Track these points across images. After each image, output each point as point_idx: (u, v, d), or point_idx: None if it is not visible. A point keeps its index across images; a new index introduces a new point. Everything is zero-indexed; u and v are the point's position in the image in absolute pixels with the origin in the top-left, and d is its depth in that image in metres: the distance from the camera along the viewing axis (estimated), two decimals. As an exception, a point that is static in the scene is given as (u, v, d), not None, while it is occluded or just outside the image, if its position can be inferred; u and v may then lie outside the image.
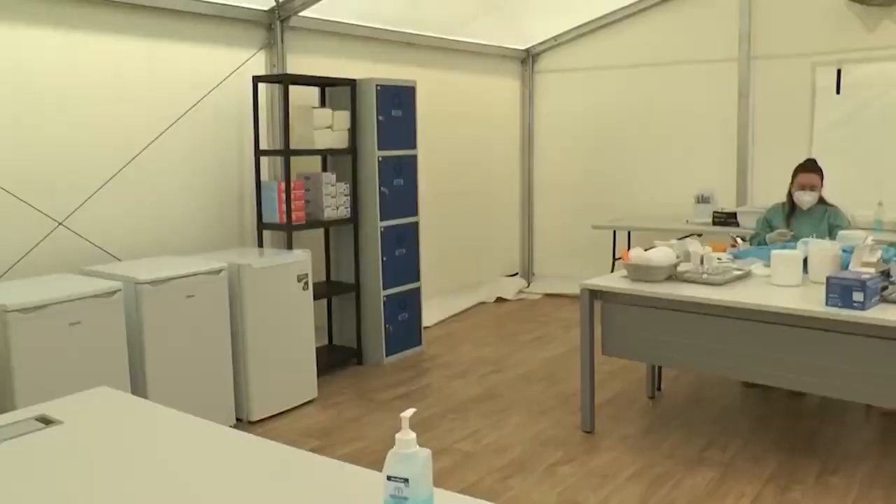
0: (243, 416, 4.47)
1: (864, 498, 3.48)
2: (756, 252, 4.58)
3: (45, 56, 4.23)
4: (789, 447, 4.04)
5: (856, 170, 6.34)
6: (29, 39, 4.16)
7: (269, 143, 5.40)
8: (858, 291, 3.40)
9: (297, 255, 4.78)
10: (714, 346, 3.79)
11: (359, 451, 4.05)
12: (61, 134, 4.31)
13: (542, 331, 6.51)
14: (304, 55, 5.55)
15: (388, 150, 5.53)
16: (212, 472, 1.74)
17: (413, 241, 5.82)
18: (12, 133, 4.11)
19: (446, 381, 5.20)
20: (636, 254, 4.12)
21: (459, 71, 7.23)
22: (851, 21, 6.28)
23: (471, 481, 3.67)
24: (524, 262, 8.28)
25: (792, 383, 3.70)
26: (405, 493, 1.38)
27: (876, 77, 6.26)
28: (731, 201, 6.84)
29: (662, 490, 3.57)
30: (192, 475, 1.72)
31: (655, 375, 4.88)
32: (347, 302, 5.66)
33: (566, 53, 7.81)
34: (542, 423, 4.43)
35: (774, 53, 6.68)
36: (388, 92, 5.51)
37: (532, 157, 8.14)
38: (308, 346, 4.83)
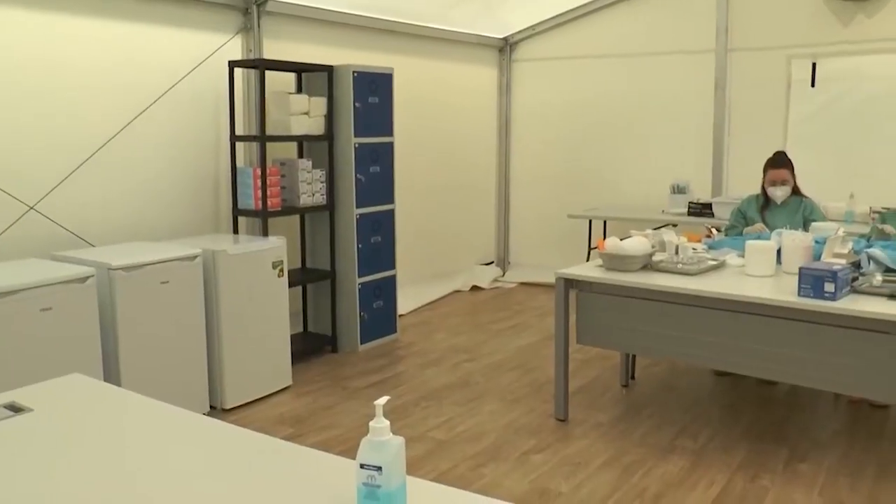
0: (217, 404, 4.45)
1: (831, 485, 3.54)
2: (730, 242, 4.62)
3: (17, 38, 4.16)
4: (759, 435, 4.09)
5: (828, 162, 6.41)
6: (0, 21, 4.10)
7: (244, 129, 5.36)
8: (830, 282, 3.44)
9: (273, 241, 4.76)
10: (687, 335, 3.82)
11: (333, 438, 4.05)
12: (33, 117, 4.25)
13: (516, 319, 6.54)
14: (280, 40, 5.51)
15: (365, 138, 5.51)
16: (184, 461, 1.73)
17: (389, 229, 5.81)
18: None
19: (420, 369, 5.21)
20: (611, 243, 4.14)
21: (437, 59, 7.21)
22: (826, 15, 6.34)
23: (444, 469, 3.68)
24: (500, 250, 8.30)
25: (763, 372, 3.75)
26: (378, 480, 1.38)
27: (849, 71, 6.32)
28: (707, 192, 6.89)
29: (634, 477, 3.61)
30: (165, 463, 1.72)
31: (629, 364, 4.92)
32: (322, 289, 5.65)
33: (544, 42, 7.81)
34: (516, 412, 4.45)
35: (751, 46, 6.72)
36: (365, 79, 5.49)
37: (509, 145, 8.14)
38: (283, 333, 4.81)
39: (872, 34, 6.18)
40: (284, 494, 1.55)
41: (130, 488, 1.59)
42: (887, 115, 6.20)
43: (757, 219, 4.91)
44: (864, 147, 6.29)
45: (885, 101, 6.21)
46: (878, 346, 3.32)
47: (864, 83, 6.28)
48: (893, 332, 3.27)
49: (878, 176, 5.83)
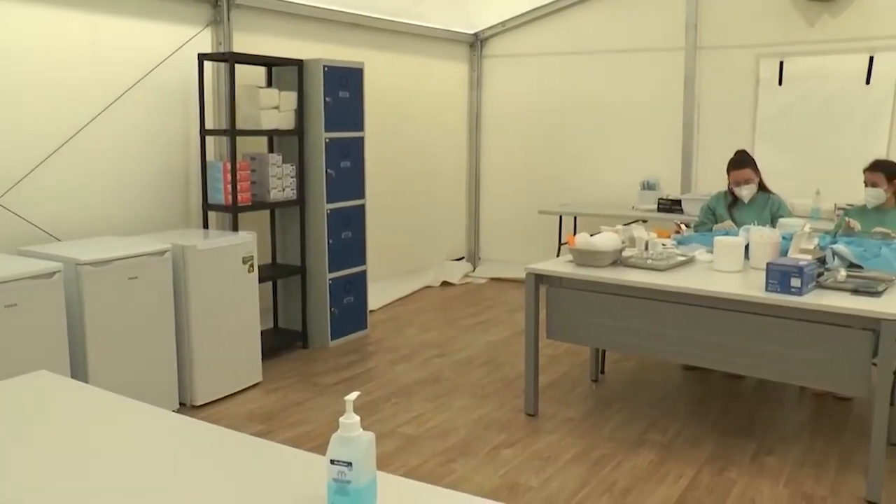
0: (187, 401, 4.41)
1: (796, 477, 3.59)
2: (699, 238, 4.67)
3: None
4: (727, 429, 4.14)
5: (795, 159, 6.50)
6: (-37, 11, 4.03)
7: (214, 123, 5.32)
8: (796, 277, 3.48)
9: (243, 236, 4.73)
10: (657, 330, 3.86)
11: (303, 434, 4.04)
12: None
13: (486, 315, 6.55)
14: (250, 34, 5.47)
15: (335, 132, 5.49)
16: (153, 458, 1.72)
17: (359, 224, 5.79)
18: (-55, 108, 3.99)
19: (391, 365, 5.21)
20: (581, 239, 4.16)
21: (407, 54, 7.19)
22: (793, 15, 6.42)
23: (414, 465, 3.69)
24: (470, 246, 8.31)
25: (731, 366, 3.79)
26: (348, 476, 1.38)
27: (816, 70, 6.41)
28: (676, 188, 6.95)
29: (603, 471, 3.63)
30: (133, 461, 1.70)
31: (598, 359, 4.95)
32: (293, 285, 5.62)
33: (514, 39, 7.82)
34: (486, 407, 4.46)
35: (720, 44, 6.78)
36: (336, 73, 5.46)
37: (479, 141, 8.15)
38: (253, 329, 4.78)
39: (837, 34, 6.27)
40: (255, 491, 1.55)
41: (98, 487, 1.57)
42: (852, 113, 6.30)
43: (726, 215, 4.96)
44: (830, 145, 6.38)
45: (849, 100, 6.30)
46: (841, 339, 3.37)
47: (830, 82, 6.37)
48: (856, 327, 3.33)
49: (843, 173, 5.90)
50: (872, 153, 5.29)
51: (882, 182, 4.51)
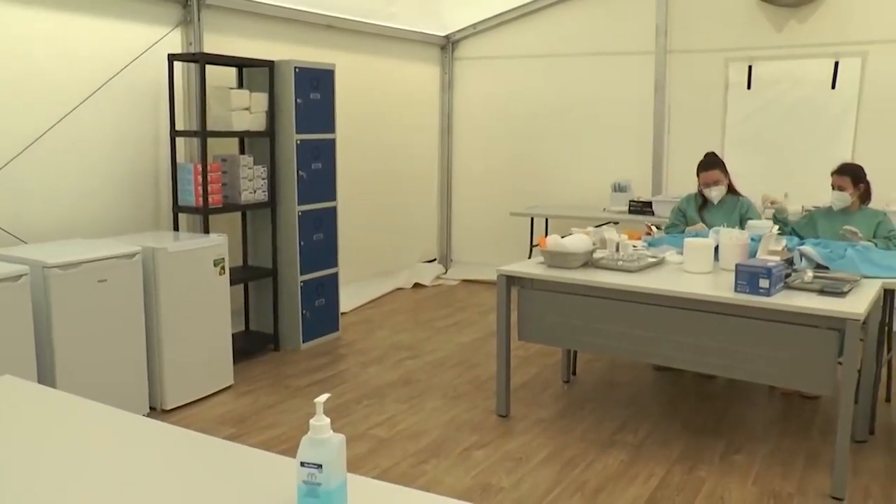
0: (157, 405, 4.37)
1: (764, 475, 3.64)
2: (670, 240, 4.71)
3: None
4: (697, 428, 4.18)
5: (764, 162, 6.58)
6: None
7: (185, 124, 5.28)
8: (764, 278, 3.53)
9: (214, 239, 4.69)
10: (627, 331, 3.88)
11: (275, 437, 4.02)
12: (-38, 110, 4.13)
13: (458, 316, 6.56)
14: (221, 34, 5.43)
15: (307, 134, 5.47)
16: (122, 463, 1.70)
17: (331, 226, 5.78)
18: None
19: (362, 367, 5.20)
20: (553, 240, 4.17)
21: (379, 56, 7.19)
22: (761, 20, 6.50)
23: (385, 467, 3.68)
24: (442, 248, 8.32)
25: (701, 366, 3.82)
26: (318, 478, 1.37)
27: (783, 74, 6.49)
28: (647, 190, 7.00)
29: (575, 472, 3.65)
30: (102, 466, 1.68)
31: (570, 360, 4.98)
32: (264, 287, 5.59)
33: (486, 41, 7.84)
34: (458, 408, 4.47)
35: (689, 48, 6.85)
36: (307, 74, 5.45)
37: (451, 143, 8.16)
38: (224, 332, 4.75)
39: (804, 39, 6.37)
40: (225, 495, 1.54)
41: (65, 494, 1.55)
42: (819, 116, 6.39)
43: (696, 217, 5.01)
44: (798, 147, 6.47)
45: (816, 104, 6.39)
46: (808, 339, 3.41)
47: (798, 86, 6.46)
48: (822, 326, 3.37)
49: (811, 175, 5.98)
50: (838, 156, 5.38)
51: (848, 186, 4.58)
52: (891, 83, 6.13)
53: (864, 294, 3.59)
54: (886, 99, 6.15)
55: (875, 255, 4.09)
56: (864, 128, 6.24)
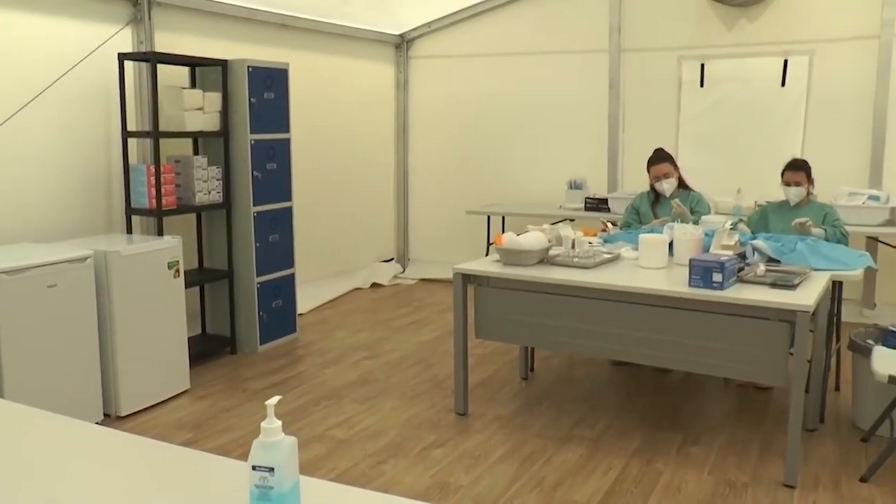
0: (111, 412, 4.29)
1: (720, 465, 3.69)
2: (625, 236, 4.76)
3: None
4: (654, 421, 4.23)
5: (717, 158, 6.69)
6: None
7: (137, 125, 5.20)
8: (718, 272, 3.58)
9: (168, 241, 4.62)
10: (584, 327, 3.91)
11: (232, 442, 3.97)
12: None
13: (416, 316, 6.56)
14: (173, 33, 5.36)
15: (261, 134, 5.42)
16: (74, 473, 1.66)
17: (287, 227, 5.73)
18: None
19: (320, 368, 5.17)
20: (508, 238, 4.19)
21: (333, 54, 7.15)
22: (713, 19, 6.60)
23: (344, 468, 3.66)
24: (399, 247, 8.30)
25: (657, 360, 3.86)
26: (270, 482, 1.36)
27: (735, 72, 6.60)
28: (603, 187, 7.06)
29: (533, 468, 3.67)
30: (54, 477, 1.64)
31: (528, 357, 5.00)
32: (220, 289, 5.53)
33: (440, 40, 7.85)
34: (416, 407, 4.46)
35: (643, 47, 6.92)
36: (260, 74, 5.40)
37: (407, 142, 8.15)
38: (180, 335, 4.69)
39: (754, 38, 6.48)
40: (179, 502, 1.51)
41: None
42: (770, 113, 6.51)
43: (649, 213, 5.07)
44: (750, 143, 6.57)
45: (767, 101, 6.51)
46: (761, 331, 3.47)
47: (749, 83, 6.56)
48: (774, 319, 3.43)
49: (762, 171, 6.09)
50: (789, 152, 5.48)
51: (803, 181, 4.67)
52: (837, 80, 6.27)
53: (814, 286, 3.66)
54: (833, 96, 6.29)
55: (824, 249, 4.17)
56: (812, 124, 6.37)
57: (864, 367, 3.88)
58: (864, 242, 5.93)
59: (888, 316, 5.98)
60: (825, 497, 3.39)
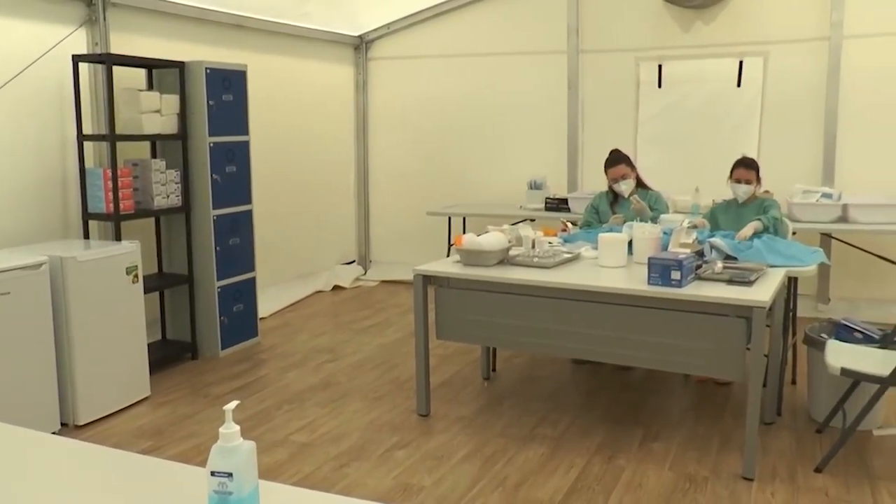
0: (69, 421, 4.22)
1: (681, 460, 3.75)
2: (584, 236, 4.80)
3: None
4: (616, 418, 4.27)
5: (675, 158, 6.77)
6: None
7: (93, 128, 5.13)
8: (676, 270, 3.62)
9: (126, 246, 4.56)
10: (545, 326, 3.93)
11: (193, 448, 3.93)
12: None
13: (378, 317, 6.55)
14: (128, 34, 5.29)
15: (220, 136, 5.38)
16: (30, 485, 1.63)
17: (247, 230, 5.69)
18: None
19: (282, 372, 5.14)
20: (468, 239, 4.20)
21: (292, 56, 7.11)
22: (669, 21, 6.69)
23: (307, 472, 3.63)
24: (361, 249, 8.28)
25: (618, 358, 3.89)
26: (230, 487, 1.35)
27: (692, 73, 6.69)
28: (563, 188, 7.11)
29: (496, 467, 3.69)
30: (9, 489, 1.61)
31: (490, 357, 5.02)
32: (180, 294, 5.48)
33: (399, 41, 7.84)
34: (379, 409, 4.46)
35: (601, 48, 6.99)
36: (218, 76, 5.35)
37: (367, 143, 8.13)
38: (139, 342, 4.63)
39: (710, 40, 6.58)
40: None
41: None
42: (726, 113, 6.61)
43: (609, 213, 5.12)
44: (707, 143, 6.67)
45: (723, 101, 6.61)
46: (719, 328, 3.52)
47: (705, 84, 6.66)
48: (731, 315, 3.49)
49: (719, 170, 6.14)
50: (745, 151, 5.54)
51: (753, 179, 4.74)
52: (790, 81, 6.39)
53: (770, 282, 3.72)
54: (787, 96, 6.41)
55: (780, 245, 4.24)
56: (767, 123, 6.49)
57: (819, 361, 3.96)
58: (819, 239, 6.05)
59: (842, 310, 6.11)
60: (782, 488, 3.45)
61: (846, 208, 5.79)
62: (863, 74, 6.18)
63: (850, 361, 3.63)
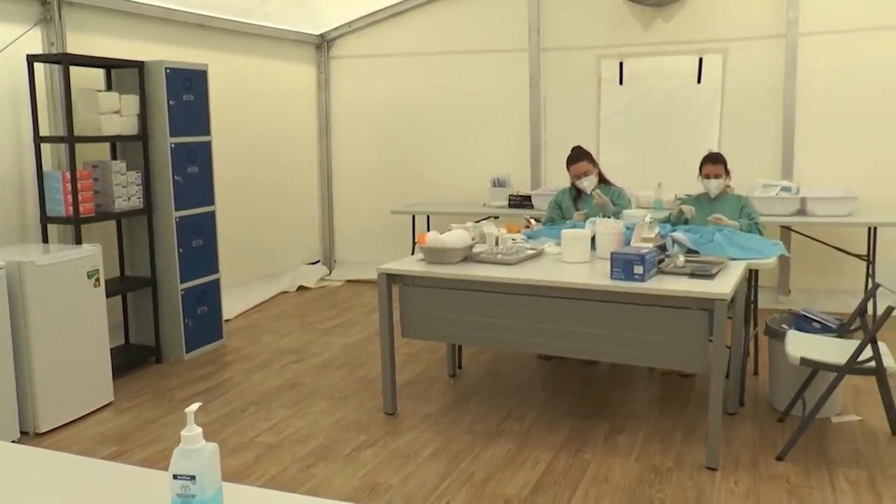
0: (29, 429, 4.14)
1: (646, 451, 3.79)
2: (547, 232, 4.82)
3: None
4: (582, 413, 4.31)
5: (638, 154, 6.84)
6: None
7: (50, 129, 5.05)
8: (638, 265, 3.66)
9: (87, 249, 4.49)
10: (510, 322, 3.95)
11: (158, 453, 3.89)
12: None
13: (343, 317, 6.53)
14: (85, 33, 5.22)
15: (181, 137, 5.33)
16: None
17: (210, 231, 5.64)
18: None
19: (248, 374, 5.11)
20: (431, 237, 4.20)
21: (253, 55, 7.06)
22: (629, 18, 6.75)
23: (273, 473, 3.62)
24: (325, 249, 8.25)
25: (583, 353, 3.93)
26: (192, 490, 1.35)
27: (652, 70, 6.76)
28: (526, 185, 7.14)
29: (462, 464, 3.70)
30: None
31: (455, 355, 5.03)
32: (143, 297, 5.41)
33: (361, 40, 7.82)
34: (345, 409, 4.45)
35: (562, 46, 7.03)
36: (179, 75, 5.30)
37: (330, 143, 8.10)
38: (101, 346, 4.56)
39: (670, 37, 6.65)
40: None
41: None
42: (687, 109, 6.69)
43: (572, 209, 5.16)
44: (669, 139, 6.74)
45: (684, 98, 6.69)
46: (682, 320, 3.57)
47: (666, 81, 6.73)
48: (694, 308, 3.53)
49: (681, 165, 6.23)
50: (706, 146, 5.63)
51: (722, 173, 4.81)
52: (749, 77, 6.49)
53: (731, 275, 3.78)
54: (746, 92, 6.51)
55: (740, 238, 4.30)
56: (727, 119, 6.58)
57: (780, 351, 4.02)
58: (779, 232, 6.15)
59: (802, 301, 6.21)
60: (745, 477, 3.51)
61: (804, 201, 5.89)
62: (819, 71, 6.29)
63: (809, 351, 3.70)
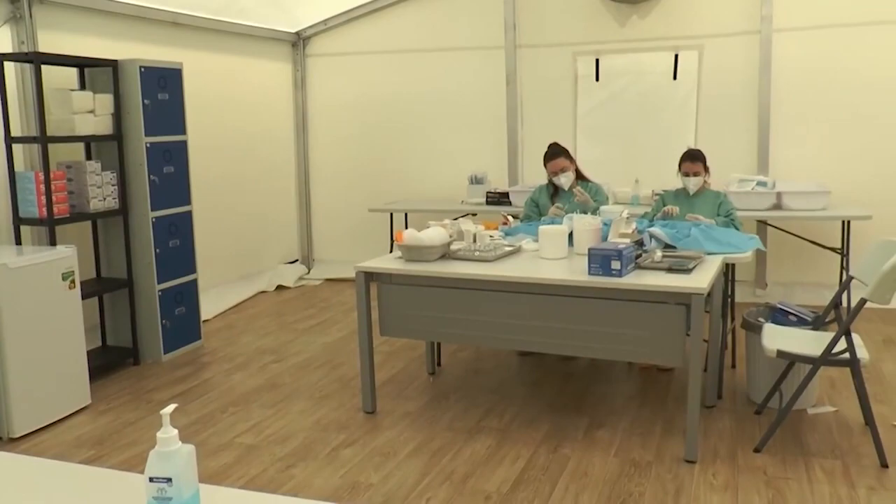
0: (3, 434, 4.08)
1: (625, 446, 3.81)
2: (525, 228, 4.83)
3: None
4: (561, 408, 4.32)
5: (615, 150, 6.87)
6: None
7: (22, 130, 4.99)
8: (616, 260, 3.67)
9: (62, 251, 4.44)
10: (488, 319, 3.95)
11: (136, 456, 3.85)
12: None
13: (322, 316, 6.51)
14: (57, 32, 5.16)
15: (157, 136, 5.28)
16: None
17: (187, 232, 5.60)
18: None
19: (227, 375, 5.08)
20: (409, 234, 4.20)
21: (228, 53, 7.01)
22: (605, 15, 6.77)
23: (253, 474, 3.60)
24: (304, 248, 8.22)
25: (562, 349, 3.93)
26: (169, 493, 1.34)
27: (628, 66, 6.79)
28: (504, 182, 7.16)
29: (442, 461, 3.70)
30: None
31: (434, 352, 5.03)
32: (120, 299, 5.37)
33: (337, 37, 7.79)
34: (324, 408, 4.44)
35: (538, 43, 7.04)
36: (153, 74, 5.25)
37: (307, 141, 8.06)
38: (77, 349, 4.51)
39: (645, 34, 6.68)
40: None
41: None
42: (663, 105, 6.73)
43: (549, 206, 5.17)
44: (646, 135, 6.78)
45: (660, 94, 6.73)
46: (660, 315, 3.59)
47: (642, 77, 6.76)
48: (671, 302, 3.55)
49: (658, 161, 6.28)
50: (683, 142, 5.68)
51: (701, 170, 4.85)
52: (724, 73, 6.54)
53: (708, 270, 3.80)
54: (721, 88, 6.56)
55: (716, 233, 4.33)
56: (703, 115, 6.62)
57: (757, 345, 4.06)
58: (755, 226, 6.19)
59: (778, 295, 6.27)
60: (723, 469, 3.53)
61: (780, 196, 5.94)
62: (793, 66, 6.35)
63: (785, 344, 3.73)
